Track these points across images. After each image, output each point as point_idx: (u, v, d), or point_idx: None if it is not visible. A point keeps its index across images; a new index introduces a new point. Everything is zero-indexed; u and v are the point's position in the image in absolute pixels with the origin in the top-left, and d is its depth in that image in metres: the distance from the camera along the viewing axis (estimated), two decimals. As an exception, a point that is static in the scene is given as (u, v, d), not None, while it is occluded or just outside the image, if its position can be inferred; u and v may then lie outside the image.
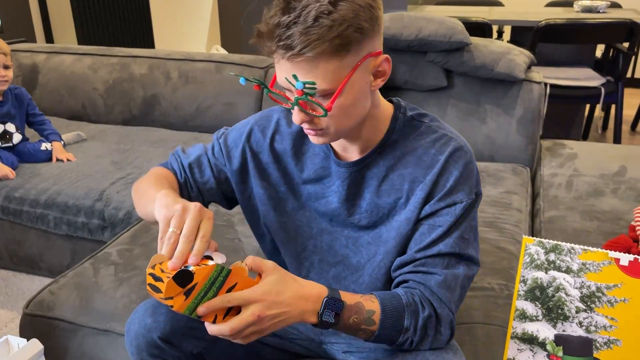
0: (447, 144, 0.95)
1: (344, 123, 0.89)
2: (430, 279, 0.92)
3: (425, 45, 2.10)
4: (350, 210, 1.01)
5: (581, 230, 1.60)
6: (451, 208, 0.93)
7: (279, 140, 1.05)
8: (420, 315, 0.89)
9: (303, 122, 0.88)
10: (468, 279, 0.95)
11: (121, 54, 2.71)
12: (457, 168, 0.94)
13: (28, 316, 1.39)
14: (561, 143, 2.27)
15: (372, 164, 0.98)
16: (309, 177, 1.04)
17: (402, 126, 0.98)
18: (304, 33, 0.79)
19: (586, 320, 0.92)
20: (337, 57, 0.81)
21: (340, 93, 0.84)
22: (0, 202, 1.99)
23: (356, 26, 0.81)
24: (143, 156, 2.21)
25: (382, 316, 0.87)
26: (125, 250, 1.58)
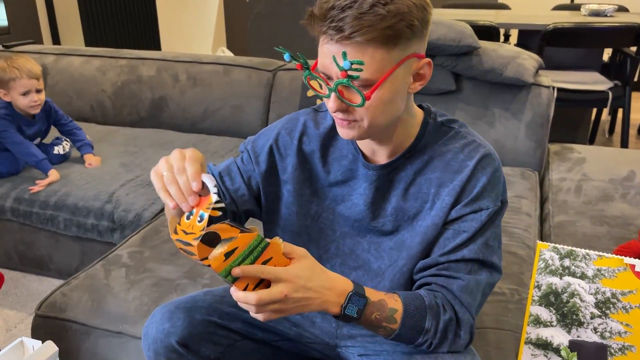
0: (476, 150, 0.95)
1: (378, 118, 0.88)
2: (452, 283, 0.92)
3: (434, 49, 2.11)
4: (375, 214, 1.00)
5: (591, 235, 1.60)
6: (477, 214, 0.93)
7: (306, 142, 1.05)
8: (441, 318, 0.89)
9: (338, 110, 0.87)
10: (489, 286, 0.96)
11: (129, 56, 2.72)
12: (485, 175, 0.94)
13: (40, 317, 1.39)
14: (569, 147, 2.27)
15: (400, 168, 0.98)
16: (335, 179, 1.03)
17: (432, 132, 0.98)
18: (358, 18, 0.79)
19: (601, 326, 0.93)
20: (385, 48, 0.82)
21: (381, 84, 0.84)
22: (11, 204, 2.00)
23: (408, 21, 0.82)
24: (151, 158, 2.22)
25: (403, 315, 0.88)
26: (135, 252, 1.59)
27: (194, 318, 1.03)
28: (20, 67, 2.03)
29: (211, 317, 1.05)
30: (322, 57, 0.86)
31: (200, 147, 2.35)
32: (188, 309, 1.04)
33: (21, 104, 2.08)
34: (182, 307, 1.04)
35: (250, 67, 2.52)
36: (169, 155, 0.87)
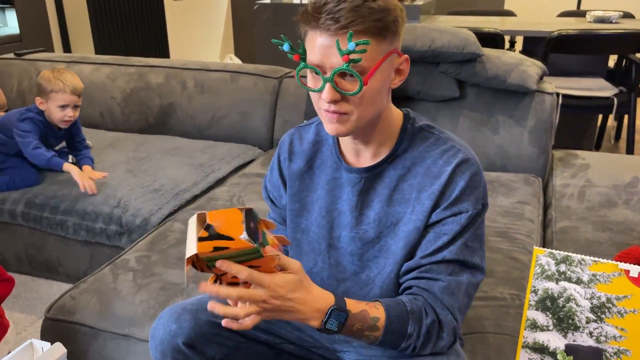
0: (455, 155, 0.98)
1: (367, 110, 0.92)
2: (433, 285, 0.95)
3: (438, 56, 2.13)
4: (358, 220, 1.03)
5: (593, 241, 1.61)
6: (456, 217, 0.96)
7: (294, 160, 1.11)
8: (423, 322, 0.92)
9: (332, 100, 0.90)
10: (473, 286, 0.98)
11: (138, 63, 2.76)
12: (464, 179, 0.96)
13: (49, 320, 1.43)
14: (573, 153, 2.28)
15: (384, 173, 1.01)
16: (322, 191, 1.07)
17: (411, 136, 1.01)
18: (353, 10, 0.86)
19: (596, 330, 0.94)
20: (376, 39, 0.88)
21: (374, 72, 0.89)
22: (22, 209, 2.04)
23: (393, 17, 0.90)
24: (158, 164, 2.26)
25: (386, 323, 0.91)
26: (143, 256, 1.62)
27: (200, 319, 1.06)
28: (66, 81, 2.06)
29: (217, 319, 1.07)
30: (314, 50, 0.89)
31: (207, 153, 2.39)
32: (194, 311, 1.06)
33: (56, 116, 2.10)
34: (188, 308, 1.07)
35: (257, 74, 2.56)
36: None
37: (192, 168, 2.24)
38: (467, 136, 2.18)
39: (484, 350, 1.20)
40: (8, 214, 2.06)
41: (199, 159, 2.33)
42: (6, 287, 1.37)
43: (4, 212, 2.06)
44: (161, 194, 2.02)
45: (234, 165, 2.31)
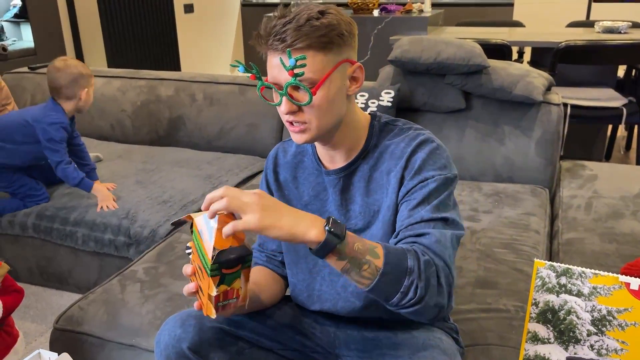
0: (415, 137, 1.05)
1: (324, 118, 0.99)
2: (420, 239, 0.95)
3: (443, 68, 2.14)
4: (347, 216, 1.10)
5: (600, 252, 1.60)
6: (424, 183, 1.00)
7: (280, 172, 1.18)
8: (421, 258, 0.90)
9: (289, 112, 0.98)
10: (456, 239, 0.99)
11: (149, 76, 2.80)
12: (423, 151, 1.03)
13: (58, 331, 1.45)
14: (581, 164, 2.27)
15: (358, 169, 1.09)
16: (308, 197, 1.14)
17: (378, 131, 1.09)
18: (297, 29, 0.94)
19: (597, 343, 0.94)
20: (322, 52, 0.96)
21: (323, 83, 0.96)
22: (33, 220, 2.07)
23: (338, 32, 0.97)
24: (167, 176, 2.29)
25: (385, 250, 0.89)
26: (151, 267, 1.64)
27: (204, 325, 1.08)
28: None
29: (221, 325, 1.10)
30: (271, 69, 0.98)
31: (216, 165, 2.41)
32: (199, 317, 1.08)
33: (89, 102, 2.13)
34: (193, 315, 1.09)
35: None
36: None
37: (200, 179, 2.26)
38: (473, 147, 2.18)
39: (487, 363, 1.20)
40: (19, 227, 2.09)
41: (207, 170, 2.36)
42: (16, 298, 1.40)
43: (15, 224, 2.10)
44: (169, 205, 2.04)
45: (241, 176, 2.33)
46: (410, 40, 2.23)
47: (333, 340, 1.16)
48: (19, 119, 2.13)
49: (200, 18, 5.11)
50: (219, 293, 0.89)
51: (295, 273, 1.17)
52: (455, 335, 1.17)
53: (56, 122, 2.07)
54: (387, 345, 1.09)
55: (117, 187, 2.17)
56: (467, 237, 1.72)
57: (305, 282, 1.15)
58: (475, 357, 1.21)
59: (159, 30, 4.61)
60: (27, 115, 2.12)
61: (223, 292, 0.90)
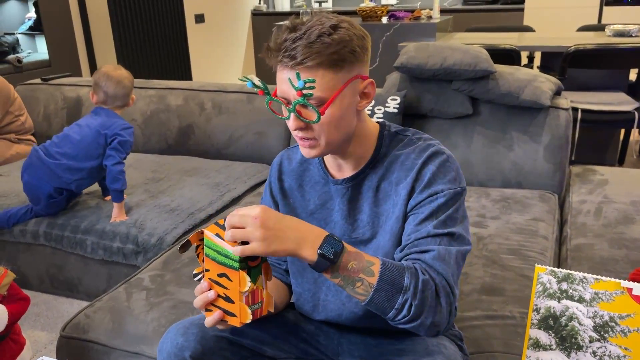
0: (426, 149, 1.04)
1: (333, 135, 0.99)
2: (424, 255, 0.95)
3: (450, 74, 2.14)
4: (354, 225, 1.08)
5: (608, 258, 1.58)
6: (433, 197, 0.99)
7: (285, 180, 1.17)
8: (420, 277, 0.90)
9: (297, 128, 0.98)
10: (461, 256, 0.98)
11: (158, 86, 2.84)
12: (433, 164, 1.01)
13: (64, 338, 1.46)
14: (592, 169, 2.25)
15: (366, 179, 1.07)
16: (314, 206, 1.12)
17: (388, 141, 1.08)
18: (307, 46, 0.92)
19: (600, 349, 0.92)
20: (332, 70, 0.94)
21: (332, 102, 0.95)
22: (44, 229, 2.10)
23: (350, 48, 0.95)
24: (176, 184, 2.30)
25: (382, 268, 0.90)
26: (157, 275, 1.65)
27: (206, 333, 1.08)
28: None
29: (223, 333, 1.10)
30: (280, 84, 0.97)
31: (224, 173, 2.43)
32: (201, 325, 1.09)
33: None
34: (195, 323, 1.09)
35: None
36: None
37: (209, 188, 2.27)
38: (481, 153, 2.17)
39: (492, 370, 1.18)
40: (31, 235, 2.12)
41: (215, 178, 2.37)
42: (22, 306, 1.41)
43: (27, 233, 2.13)
44: (177, 213, 2.06)
45: (249, 184, 2.34)
46: (417, 47, 2.23)
47: (336, 348, 1.16)
48: (91, 132, 2.07)
49: (211, 28, 5.17)
50: (249, 289, 0.91)
51: (300, 283, 1.16)
52: (459, 342, 1.16)
53: (128, 127, 2.10)
54: (391, 352, 1.08)
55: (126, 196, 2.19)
56: (474, 244, 1.70)
57: (311, 291, 1.15)
58: (480, 365, 1.19)
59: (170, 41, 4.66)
60: (93, 126, 2.07)
61: (251, 291, 0.92)
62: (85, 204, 2.17)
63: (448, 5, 5.41)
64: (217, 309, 0.95)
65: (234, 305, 0.93)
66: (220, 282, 0.94)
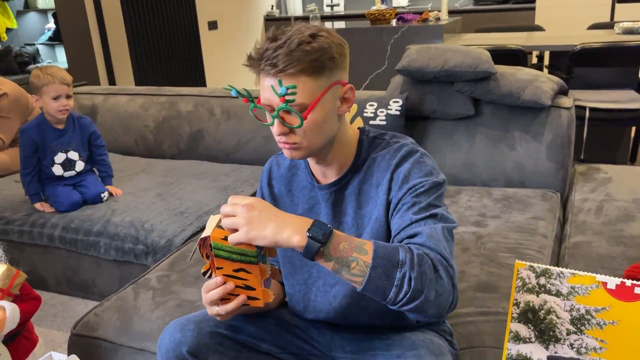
0: (400, 149, 1.08)
1: (315, 138, 1.03)
2: (413, 239, 0.97)
3: (451, 76, 2.16)
4: (340, 228, 1.12)
5: (605, 255, 1.59)
6: (412, 190, 1.02)
7: (275, 185, 1.21)
8: (414, 252, 0.90)
9: (281, 133, 1.02)
10: (448, 231, 0.99)
11: (169, 93, 2.91)
12: (409, 162, 1.06)
13: (75, 336, 1.53)
14: (596, 167, 2.25)
15: (349, 183, 1.12)
16: (303, 209, 1.17)
17: (367, 146, 1.12)
18: (288, 54, 0.96)
19: (577, 342, 0.95)
20: (313, 77, 0.98)
21: (314, 107, 0.99)
22: (59, 233, 2.18)
23: (329, 55, 1.00)
24: (186, 188, 2.37)
25: (374, 246, 0.90)
26: (164, 276, 1.71)
27: (203, 329, 1.13)
28: (53, 73, 2.21)
29: (219, 329, 1.15)
30: (264, 91, 1.02)
31: (232, 176, 2.49)
32: (198, 322, 1.14)
33: (52, 108, 2.23)
34: (192, 319, 1.15)
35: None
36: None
37: (217, 191, 2.34)
38: (484, 153, 2.19)
39: (481, 365, 1.21)
40: (47, 238, 2.21)
41: (224, 181, 2.43)
42: (33, 305, 1.48)
43: (43, 235, 2.21)
44: (185, 216, 2.12)
45: (257, 187, 2.37)
46: (418, 50, 2.26)
47: (329, 343, 1.20)
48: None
49: (224, 34, 5.25)
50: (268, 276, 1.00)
51: (292, 284, 1.21)
52: (449, 337, 1.19)
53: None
54: (380, 347, 1.12)
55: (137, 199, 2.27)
56: (472, 242, 1.73)
57: (302, 292, 1.19)
58: (470, 359, 1.22)
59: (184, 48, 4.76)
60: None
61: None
62: (97, 207, 2.24)
63: (459, 6, 5.42)
64: (234, 297, 1.01)
65: (255, 291, 1.00)
66: (237, 275, 1.00)
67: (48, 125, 2.29)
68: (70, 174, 2.32)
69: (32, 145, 2.26)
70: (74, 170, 2.33)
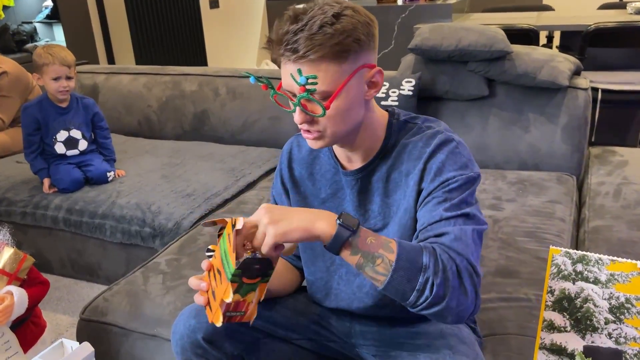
0: (434, 136, 1.01)
1: (339, 127, 0.97)
2: (441, 238, 0.91)
3: (465, 55, 2.11)
4: (365, 216, 1.07)
5: (627, 240, 1.55)
6: (445, 184, 0.96)
7: (295, 168, 1.15)
8: (439, 256, 0.86)
9: (303, 122, 0.96)
10: (478, 234, 0.94)
11: (173, 72, 2.85)
12: (442, 153, 0.98)
13: (84, 321, 1.49)
14: (611, 150, 2.21)
15: (376, 169, 1.06)
16: (325, 194, 1.11)
17: (397, 130, 1.05)
18: (309, 38, 0.89)
19: (615, 331, 0.91)
20: (336, 62, 0.91)
21: (337, 95, 0.92)
22: (63, 215, 2.13)
23: (354, 37, 0.91)
24: (192, 169, 2.32)
25: (399, 245, 0.86)
26: (173, 260, 1.67)
27: None
28: (54, 53, 2.15)
29: None
30: (285, 77, 0.95)
31: (239, 158, 2.44)
32: None
33: (51, 88, 2.19)
34: None
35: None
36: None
37: (224, 173, 2.29)
38: (497, 135, 2.14)
39: (505, 352, 1.18)
40: (51, 220, 2.16)
41: (230, 163, 2.38)
42: (41, 290, 1.44)
43: (47, 217, 2.16)
44: (193, 198, 2.07)
45: (264, 169, 2.34)
46: (431, 28, 2.20)
47: (349, 330, 1.16)
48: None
49: (225, 13, 5.15)
50: (232, 302, 0.89)
51: (312, 271, 1.17)
52: (472, 324, 1.16)
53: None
54: (404, 335, 1.08)
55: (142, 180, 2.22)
56: (490, 226, 1.69)
57: (323, 280, 1.15)
58: (494, 347, 1.19)
59: (185, 27, 4.66)
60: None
61: (235, 301, 0.90)
62: (100, 189, 2.19)
63: (465, -14, 5.32)
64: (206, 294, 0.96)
65: (214, 303, 0.92)
66: (216, 276, 0.93)
67: (50, 103, 2.24)
68: (73, 153, 2.27)
69: (33, 122, 2.21)
70: (77, 149, 2.28)
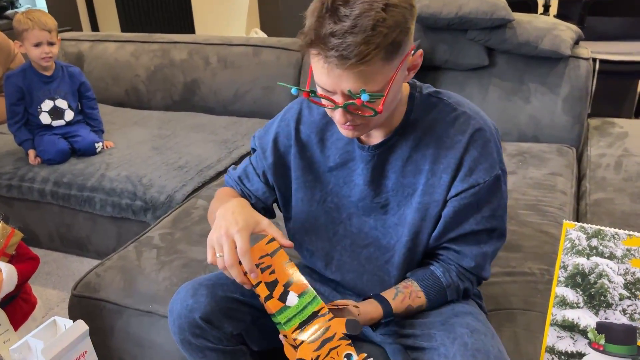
0: (467, 123, 0.96)
1: (382, 117, 0.93)
2: (462, 259, 1.01)
3: (465, 23, 2.04)
4: (377, 191, 1.03)
5: (630, 213, 1.53)
6: (474, 189, 0.96)
7: (303, 131, 1.08)
8: (460, 289, 1.04)
9: (347, 122, 0.90)
10: (496, 252, 1.04)
11: (162, 40, 2.75)
12: (477, 149, 0.95)
13: (76, 297, 1.44)
14: (610, 122, 2.18)
15: (396, 146, 1.00)
16: (334, 163, 1.06)
17: (420, 105, 0.99)
18: (364, 43, 0.79)
19: (630, 307, 0.89)
20: (389, 60, 0.83)
21: (388, 93, 0.86)
22: (50, 188, 2.07)
23: (404, 28, 0.83)
24: (183, 141, 2.25)
25: (428, 304, 1.03)
26: (167, 234, 1.62)
27: (216, 294, 1.04)
28: (34, 18, 2.06)
29: (233, 294, 1.06)
30: (324, 76, 0.85)
31: (231, 129, 2.37)
32: (211, 286, 1.05)
33: (34, 55, 2.11)
34: (205, 284, 1.06)
35: (280, 47, 2.51)
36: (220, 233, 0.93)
37: (216, 144, 2.23)
38: (497, 106, 2.10)
39: (511, 328, 1.16)
40: (38, 193, 2.09)
41: (223, 135, 2.32)
42: (32, 265, 1.39)
43: (33, 190, 2.10)
44: (185, 170, 2.02)
45: (257, 140, 2.28)
46: (425, 2, 2.12)
47: None
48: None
49: (213, -21, 4.99)
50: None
51: (313, 241, 1.11)
52: (478, 300, 1.13)
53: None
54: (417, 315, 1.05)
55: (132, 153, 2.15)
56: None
57: (324, 250, 1.10)
58: (499, 322, 1.17)
59: (172, -7, 4.52)
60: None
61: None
62: (89, 161, 2.13)
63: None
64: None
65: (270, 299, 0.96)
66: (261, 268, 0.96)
67: (34, 72, 2.15)
68: (59, 123, 2.20)
69: (17, 92, 2.13)
70: (63, 120, 2.20)
